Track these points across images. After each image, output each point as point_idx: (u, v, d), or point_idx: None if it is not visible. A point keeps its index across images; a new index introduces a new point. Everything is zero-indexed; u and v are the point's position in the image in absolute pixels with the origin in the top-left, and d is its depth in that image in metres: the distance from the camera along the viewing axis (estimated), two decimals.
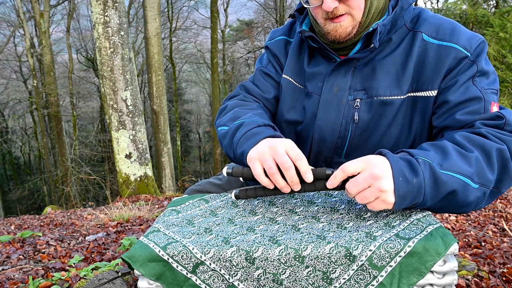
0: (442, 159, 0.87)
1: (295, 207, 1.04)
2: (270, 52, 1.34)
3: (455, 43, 1.04)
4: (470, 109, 1.00)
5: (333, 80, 1.15)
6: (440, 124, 1.05)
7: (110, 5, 6.68)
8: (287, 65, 1.27)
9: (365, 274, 0.80)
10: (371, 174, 0.82)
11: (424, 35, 1.08)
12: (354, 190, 0.84)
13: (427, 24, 1.09)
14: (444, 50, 1.04)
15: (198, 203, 1.13)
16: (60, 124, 14.75)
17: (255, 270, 0.82)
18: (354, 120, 1.12)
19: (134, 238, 2.41)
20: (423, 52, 1.07)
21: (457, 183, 0.86)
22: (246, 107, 1.23)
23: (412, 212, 0.94)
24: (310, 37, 1.16)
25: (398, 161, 0.84)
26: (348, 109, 1.13)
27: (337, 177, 0.87)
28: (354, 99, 1.12)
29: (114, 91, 6.92)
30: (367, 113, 1.11)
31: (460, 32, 1.06)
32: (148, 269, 0.85)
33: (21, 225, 4.24)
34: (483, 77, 1.03)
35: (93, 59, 18.09)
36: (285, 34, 1.32)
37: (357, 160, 0.86)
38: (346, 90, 1.13)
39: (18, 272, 1.90)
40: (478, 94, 1.01)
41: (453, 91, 1.03)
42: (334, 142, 1.16)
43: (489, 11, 9.74)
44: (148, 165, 7.39)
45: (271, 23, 20.06)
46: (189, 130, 24.85)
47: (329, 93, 1.15)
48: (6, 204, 18.25)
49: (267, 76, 1.33)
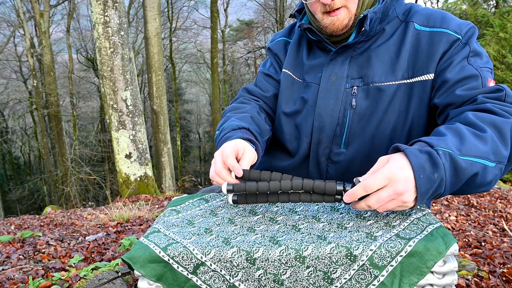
0: (460, 143, 0.87)
1: (295, 207, 1.04)
2: (271, 53, 1.43)
3: (445, 28, 1.10)
4: (469, 85, 1.04)
5: (331, 69, 1.21)
6: (442, 102, 1.08)
7: (110, 5, 6.68)
8: (287, 60, 1.34)
9: (366, 274, 0.80)
10: (394, 191, 0.81)
11: (416, 25, 1.15)
12: (377, 206, 0.84)
13: (418, 15, 1.16)
14: (436, 35, 1.11)
15: (198, 202, 1.13)
16: (60, 124, 14.75)
17: (256, 270, 0.82)
18: (352, 106, 1.17)
19: (134, 238, 2.41)
20: (415, 40, 1.13)
21: (477, 166, 0.86)
22: (237, 111, 1.32)
23: (412, 211, 0.94)
24: (308, 29, 1.22)
25: (418, 157, 0.82)
26: (346, 96, 1.18)
27: (357, 194, 0.84)
28: (352, 86, 1.18)
29: (114, 91, 6.92)
30: (364, 99, 1.16)
31: (450, 18, 1.12)
32: (148, 270, 0.85)
33: (21, 225, 4.24)
34: (477, 57, 1.08)
35: (93, 59, 18.09)
36: (285, 35, 1.41)
37: (378, 176, 0.82)
38: (344, 78, 1.19)
39: (18, 272, 1.90)
40: (474, 72, 1.05)
41: (449, 70, 1.08)
42: (334, 129, 1.20)
43: (489, 11, 9.74)
44: (148, 165, 7.39)
45: (271, 23, 20.06)
46: (189, 130, 24.86)
47: (327, 82, 1.21)
48: (6, 204, 18.26)
49: (267, 77, 1.42)
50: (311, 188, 0.93)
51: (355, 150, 1.19)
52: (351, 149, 1.20)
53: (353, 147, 1.20)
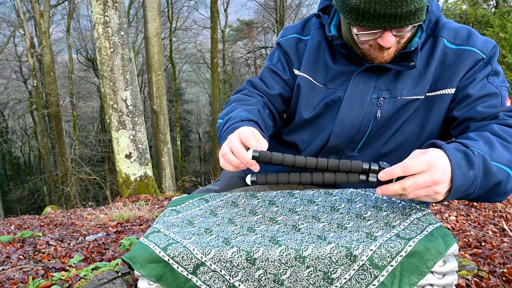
0: (490, 150, 0.90)
1: (295, 207, 1.04)
2: (281, 50, 1.37)
3: (472, 46, 1.13)
4: (490, 103, 1.09)
5: (359, 78, 1.20)
6: (462, 115, 1.11)
7: (110, 5, 6.67)
8: (305, 63, 1.29)
9: (366, 274, 0.80)
10: (432, 179, 0.81)
11: (445, 41, 1.16)
12: (410, 190, 0.82)
13: (447, 30, 1.17)
14: (463, 53, 1.14)
15: (198, 202, 1.13)
16: (60, 124, 14.75)
17: (256, 270, 0.82)
18: (376, 117, 1.18)
19: (134, 238, 2.41)
20: (443, 55, 1.16)
21: (503, 174, 0.89)
22: (243, 102, 1.29)
23: (412, 211, 0.94)
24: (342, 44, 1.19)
25: (455, 154, 0.84)
26: (371, 107, 1.18)
27: (394, 173, 0.84)
28: (378, 97, 1.18)
29: (114, 91, 6.92)
30: (389, 111, 1.17)
31: (475, 36, 1.16)
32: (148, 270, 0.85)
33: (21, 225, 4.24)
34: (495, 76, 1.14)
35: (93, 59, 18.08)
36: (297, 32, 1.34)
37: (419, 160, 0.82)
38: (371, 88, 1.18)
39: (18, 272, 1.90)
40: (495, 90, 1.11)
41: (472, 86, 1.12)
42: (352, 136, 1.21)
43: (489, 11, 9.73)
44: (148, 165, 7.39)
45: (271, 23, 20.06)
46: (189, 130, 24.85)
47: (354, 90, 1.20)
48: (6, 204, 18.25)
49: (274, 74, 1.37)
50: (337, 166, 0.92)
51: (366, 154, 1.22)
52: (363, 153, 1.22)
53: (366, 151, 1.22)
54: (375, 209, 0.99)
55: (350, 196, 1.08)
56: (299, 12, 19.75)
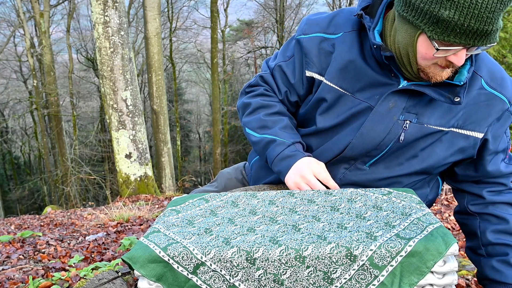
0: None
1: (295, 206, 1.04)
2: (299, 48, 1.24)
3: (504, 95, 1.14)
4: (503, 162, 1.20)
5: (392, 96, 1.13)
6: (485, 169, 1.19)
7: (110, 5, 6.67)
8: (331, 70, 1.20)
9: (366, 274, 0.80)
10: None
11: (483, 82, 1.13)
12: None
13: (485, 69, 1.14)
14: (495, 99, 1.13)
15: (198, 202, 1.13)
16: (60, 124, 14.75)
17: (256, 270, 0.82)
18: (399, 140, 1.14)
19: (134, 238, 2.41)
20: (477, 95, 1.13)
21: None
22: (271, 110, 1.28)
23: (412, 211, 0.94)
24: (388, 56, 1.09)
25: None
26: (396, 128, 1.14)
27: None
28: (405, 120, 1.14)
29: (114, 91, 6.92)
30: (412, 136, 1.14)
31: (507, 83, 1.16)
32: (148, 270, 0.85)
33: (21, 225, 4.24)
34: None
35: (93, 59, 18.07)
36: (322, 30, 1.22)
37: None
38: (401, 109, 1.14)
39: (18, 272, 1.90)
40: (507, 145, 1.19)
41: (498, 142, 1.18)
42: (369, 151, 1.17)
43: None
44: (148, 165, 7.39)
45: (271, 23, 20.04)
46: (189, 130, 24.84)
47: (384, 107, 1.14)
48: (6, 204, 18.25)
49: (283, 75, 1.29)
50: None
51: (376, 170, 1.20)
52: (373, 168, 1.20)
53: (377, 168, 1.20)
54: (375, 209, 0.99)
55: (350, 196, 1.08)
56: (299, 12, 19.75)
